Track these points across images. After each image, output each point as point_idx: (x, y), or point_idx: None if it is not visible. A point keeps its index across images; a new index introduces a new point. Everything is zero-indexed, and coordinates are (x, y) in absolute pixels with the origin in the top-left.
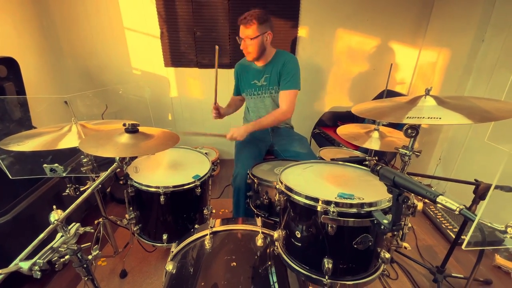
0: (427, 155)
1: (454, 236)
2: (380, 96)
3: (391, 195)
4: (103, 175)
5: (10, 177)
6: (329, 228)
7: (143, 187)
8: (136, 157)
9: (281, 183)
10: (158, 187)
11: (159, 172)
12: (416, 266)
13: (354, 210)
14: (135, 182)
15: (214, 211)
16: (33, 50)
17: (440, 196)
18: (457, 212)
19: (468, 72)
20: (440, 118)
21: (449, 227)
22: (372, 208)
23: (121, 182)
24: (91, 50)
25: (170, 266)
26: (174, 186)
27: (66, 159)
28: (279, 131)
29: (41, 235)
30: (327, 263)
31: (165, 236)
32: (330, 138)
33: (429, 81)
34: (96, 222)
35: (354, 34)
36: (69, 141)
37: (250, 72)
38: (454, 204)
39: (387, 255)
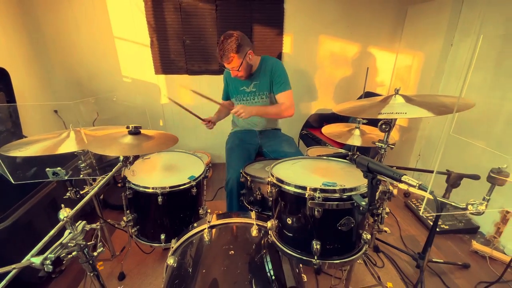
0: (408, 152)
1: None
2: (360, 98)
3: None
4: (110, 173)
5: (13, 182)
6: (316, 212)
7: (141, 189)
8: (138, 157)
9: (273, 176)
10: (156, 188)
11: (155, 175)
12: (400, 254)
13: (337, 195)
14: (133, 184)
15: (209, 210)
16: (22, 60)
17: (404, 176)
18: (416, 188)
19: (440, 73)
20: (406, 113)
21: (429, 217)
22: (352, 193)
23: (119, 185)
24: (81, 59)
25: (171, 260)
26: (170, 187)
27: (63, 165)
28: (267, 133)
29: (52, 232)
30: (316, 245)
31: (163, 236)
32: (316, 138)
33: (406, 83)
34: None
35: (336, 41)
36: (68, 146)
37: (239, 78)
38: (414, 181)
39: (368, 236)
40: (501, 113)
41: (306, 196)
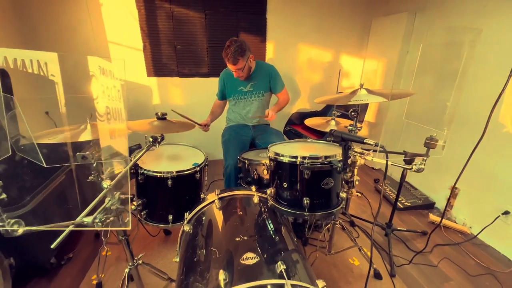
0: None
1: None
2: None
3: (341, 152)
4: (144, 150)
5: (45, 165)
6: (305, 174)
7: (151, 173)
8: (164, 139)
9: (270, 152)
10: (163, 172)
11: (163, 163)
12: (371, 226)
13: (320, 161)
14: (144, 170)
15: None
16: None
17: (366, 139)
18: (374, 145)
19: (399, 76)
20: (367, 99)
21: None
22: (331, 159)
23: (132, 171)
24: None
25: (187, 227)
26: (177, 172)
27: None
28: (259, 127)
29: (99, 196)
30: (306, 200)
31: (170, 217)
32: (298, 133)
33: (372, 84)
34: None
35: (313, 48)
36: (86, 136)
37: (236, 79)
38: (372, 141)
39: (344, 195)
40: (444, 106)
41: (297, 163)
